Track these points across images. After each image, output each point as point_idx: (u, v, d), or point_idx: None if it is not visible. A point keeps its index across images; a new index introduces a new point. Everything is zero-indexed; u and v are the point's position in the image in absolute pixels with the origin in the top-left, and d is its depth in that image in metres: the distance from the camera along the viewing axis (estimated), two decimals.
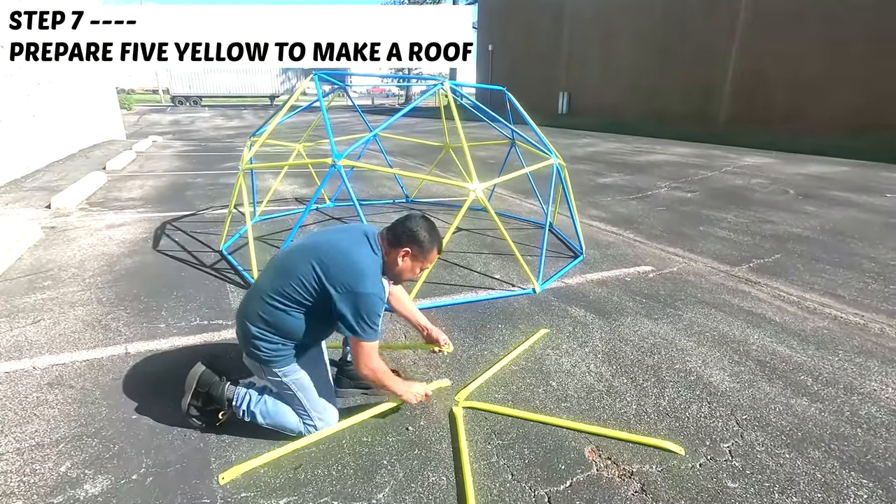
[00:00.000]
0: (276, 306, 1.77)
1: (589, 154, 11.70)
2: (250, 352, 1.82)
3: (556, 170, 4.07)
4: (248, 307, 1.84)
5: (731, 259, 4.38)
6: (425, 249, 1.89)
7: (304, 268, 1.76)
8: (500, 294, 3.48)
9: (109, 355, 2.52)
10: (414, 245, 1.87)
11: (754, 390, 2.41)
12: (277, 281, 1.79)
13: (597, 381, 2.45)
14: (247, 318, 1.82)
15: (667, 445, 1.98)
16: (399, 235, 1.87)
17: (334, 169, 3.22)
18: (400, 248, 1.86)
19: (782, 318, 3.21)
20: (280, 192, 6.72)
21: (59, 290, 3.32)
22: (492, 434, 2.04)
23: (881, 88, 12.29)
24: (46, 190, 6.38)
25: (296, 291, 1.76)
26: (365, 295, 1.72)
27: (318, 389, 1.91)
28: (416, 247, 1.88)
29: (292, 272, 1.78)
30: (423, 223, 1.91)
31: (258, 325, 1.79)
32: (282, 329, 1.79)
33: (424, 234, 1.88)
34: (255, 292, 1.85)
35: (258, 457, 1.83)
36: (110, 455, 1.84)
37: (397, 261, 1.88)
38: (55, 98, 9.39)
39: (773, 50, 14.65)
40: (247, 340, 1.82)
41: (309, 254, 1.80)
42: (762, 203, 6.60)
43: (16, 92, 7.69)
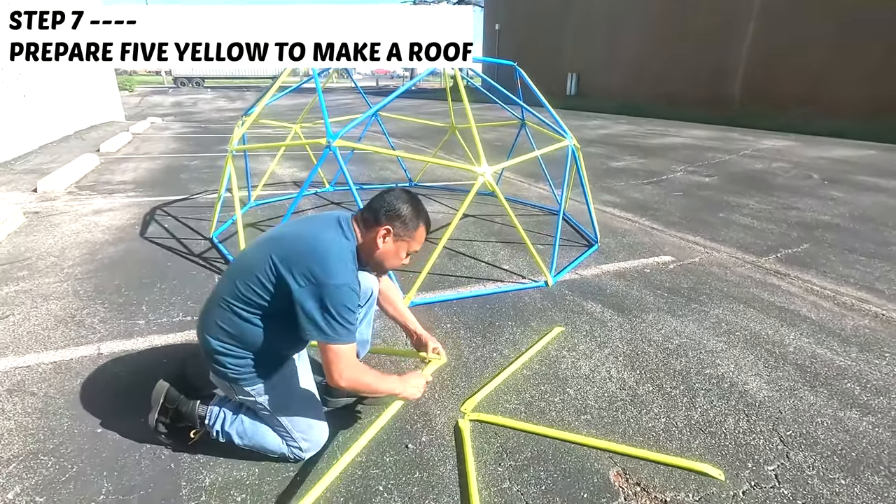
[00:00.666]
0: (237, 313, 1.50)
1: (600, 136, 11.31)
2: (215, 369, 1.56)
3: (570, 152, 3.76)
4: (207, 318, 1.57)
5: (757, 249, 4.08)
6: (409, 226, 1.59)
7: (262, 264, 1.46)
8: (509, 287, 3.21)
9: (80, 356, 2.29)
10: (395, 221, 1.56)
11: (796, 400, 2.14)
12: (234, 284, 1.51)
13: (619, 388, 2.19)
14: (206, 331, 1.55)
15: (704, 469, 1.73)
16: (376, 212, 1.56)
17: (329, 151, 2.93)
18: (378, 226, 1.56)
19: (818, 316, 2.93)
20: (278, 176, 6.44)
21: (35, 281, 3.08)
22: (503, 453, 1.79)
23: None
24: (36, 173, 6.13)
25: (254, 293, 1.47)
26: (332, 286, 1.40)
27: (299, 406, 1.65)
28: (399, 223, 1.57)
29: (250, 271, 1.49)
30: (404, 195, 1.61)
31: (220, 339, 1.52)
32: (246, 340, 1.52)
33: (407, 208, 1.58)
34: (213, 300, 1.58)
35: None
36: (66, 478, 1.60)
37: (377, 243, 1.57)
38: (48, 78, 9.08)
39: (789, 31, 14.04)
40: (210, 357, 1.55)
41: (267, 247, 1.50)
42: (785, 188, 6.26)
43: (4, 70, 7.39)
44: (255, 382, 1.56)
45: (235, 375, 1.53)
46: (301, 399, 1.66)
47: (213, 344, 1.52)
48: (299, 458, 1.67)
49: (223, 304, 1.51)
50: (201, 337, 1.57)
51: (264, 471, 1.66)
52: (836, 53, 12.96)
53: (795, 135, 11.29)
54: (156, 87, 37.51)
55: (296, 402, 1.64)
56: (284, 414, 1.61)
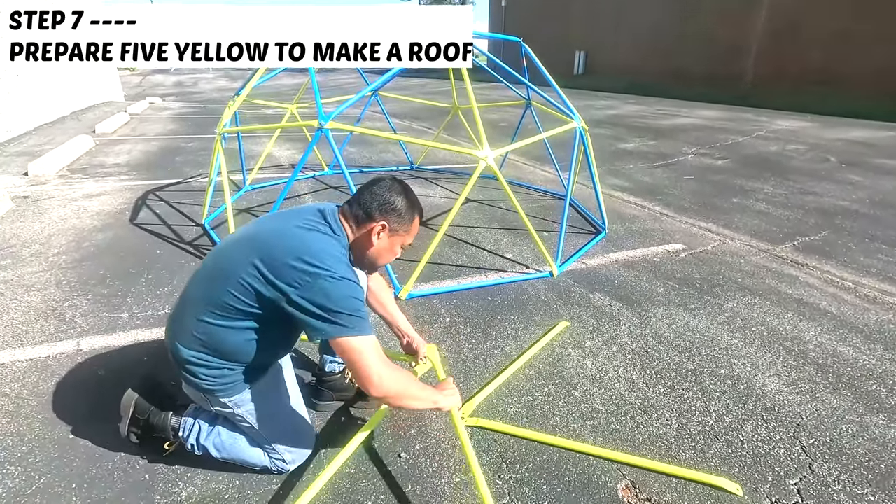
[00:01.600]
0: (213, 322, 1.34)
1: (608, 117, 11.00)
2: (188, 379, 1.42)
3: (578, 134, 3.56)
4: (178, 324, 1.42)
5: (773, 236, 3.90)
6: (405, 219, 1.47)
7: (242, 268, 1.30)
8: (512, 278, 3.06)
9: (57, 353, 2.17)
10: (391, 216, 1.44)
11: (818, 404, 2.00)
12: (210, 289, 1.36)
13: (628, 390, 2.06)
14: (177, 341, 1.40)
15: (719, 483, 1.59)
16: (368, 207, 1.43)
17: (321, 133, 2.76)
18: (372, 222, 1.43)
19: (839, 310, 2.77)
20: (276, 158, 6.26)
21: (18, 270, 2.96)
22: (503, 464, 1.66)
23: None
24: (28, 155, 5.99)
25: (236, 299, 1.30)
26: (332, 279, 1.26)
27: (283, 416, 1.52)
28: (394, 217, 1.44)
29: (228, 276, 1.32)
30: (398, 186, 1.48)
31: (192, 349, 1.37)
32: (223, 350, 1.37)
33: (402, 201, 1.45)
34: (185, 305, 1.42)
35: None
36: (33, 490, 1.49)
37: (371, 240, 1.44)
38: None
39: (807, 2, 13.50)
40: (181, 366, 1.41)
41: (246, 249, 1.34)
42: (801, 172, 6.02)
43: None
44: (233, 393, 1.42)
45: (210, 386, 1.39)
46: (285, 408, 1.53)
47: (185, 354, 1.37)
48: (283, 471, 1.55)
49: (198, 310, 1.36)
50: (171, 345, 1.42)
51: (245, 483, 1.54)
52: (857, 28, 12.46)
53: (811, 115, 10.94)
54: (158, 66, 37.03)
55: (279, 412, 1.51)
56: (267, 425, 1.48)
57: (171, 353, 1.43)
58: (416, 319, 2.53)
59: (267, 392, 1.48)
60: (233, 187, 4.67)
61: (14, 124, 7.45)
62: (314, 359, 2.12)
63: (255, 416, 1.46)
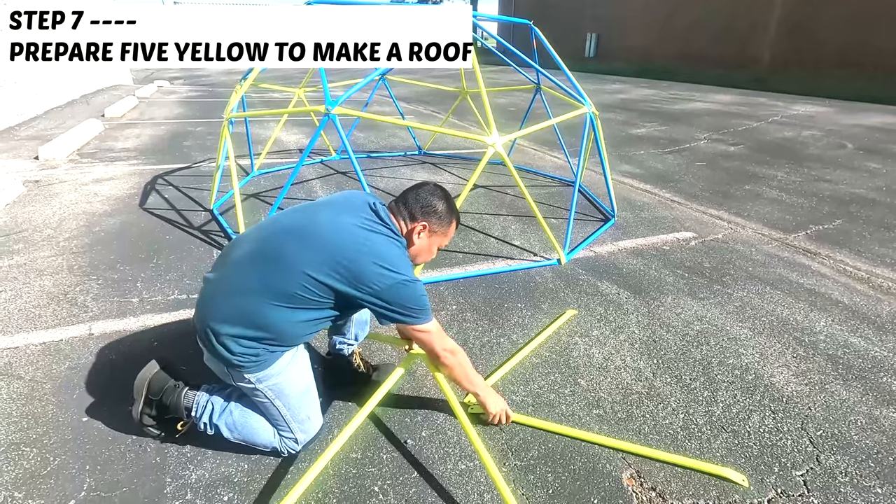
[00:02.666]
0: (271, 308, 1.39)
1: (619, 102, 10.82)
2: (218, 353, 1.43)
3: (589, 120, 3.50)
4: (219, 304, 1.44)
5: (785, 225, 3.84)
6: (444, 223, 1.62)
7: (312, 268, 1.37)
8: (519, 265, 3.05)
9: (70, 337, 2.20)
10: (432, 218, 1.59)
11: (827, 395, 1.99)
12: (270, 278, 1.39)
13: (634, 379, 2.05)
14: (215, 320, 1.42)
15: (725, 473, 1.59)
16: (412, 208, 1.58)
17: (328, 119, 2.74)
18: (415, 223, 1.57)
19: (852, 300, 2.73)
20: (283, 143, 6.24)
21: (30, 254, 2.99)
22: (508, 451, 1.68)
23: None
24: (39, 139, 6.02)
25: (305, 290, 1.38)
26: (407, 283, 1.42)
27: (300, 395, 1.54)
28: (435, 220, 1.59)
29: (292, 269, 1.38)
30: (439, 191, 1.64)
31: (236, 328, 1.40)
32: (274, 332, 1.42)
33: (443, 205, 1.61)
34: (230, 287, 1.45)
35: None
36: (48, 472, 1.53)
37: (413, 239, 1.59)
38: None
39: None
40: (212, 341, 1.42)
41: (311, 246, 1.41)
42: (817, 159, 5.90)
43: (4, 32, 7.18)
44: (259, 369, 1.45)
45: (240, 362, 1.42)
46: (302, 386, 1.56)
47: (224, 332, 1.40)
48: (292, 451, 1.58)
49: (253, 295, 1.40)
50: (204, 324, 1.44)
51: (254, 467, 1.57)
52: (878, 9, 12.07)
53: (829, 100, 10.69)
54: None
55: (297, 390, 1.54)
56: (284, 402, 1.51)
57: (204, 330, 1.44)
58: None
59: (288, 369, 1.51)
60: (240, 172, 4.68)
61: (24, 108, 7.48)
62: (319, 343, 2.14)
63: (273, 392, 1.49)
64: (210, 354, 1.48)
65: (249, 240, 1.53)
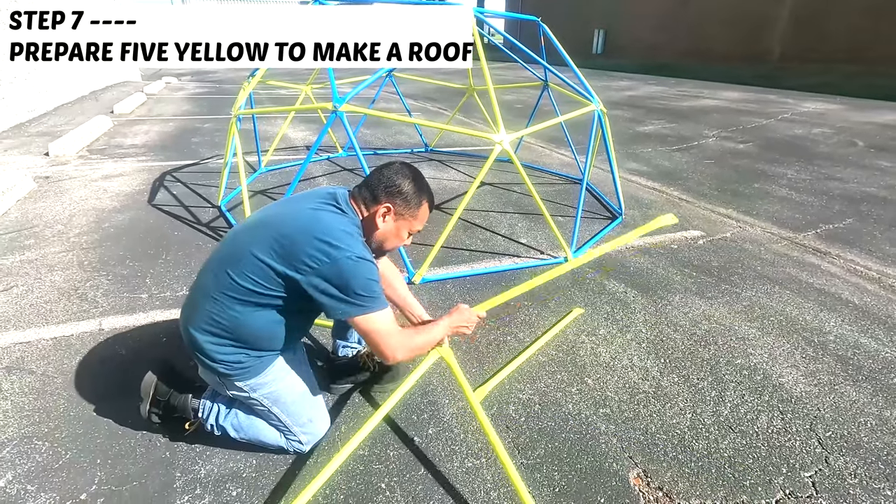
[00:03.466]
0: (230, 306, 1.36)
1: (627, 99, 10.75)
2: (205, 364, 1.44)
3: (597, 117, 3.48)
4: (193, 312, 1.43)
5: (795, 223, 3.80)
6: (411, 203, 1.47)
7: (258, 251, 1.33)
8: (526, 263, 3.04)
9: (80, 332, 2.23)
10: (396, 199, 1.45)
11: (836, 396, 1.97)
12: (226, 274, 1.36)
13: (641, 378, 2.05)
14: (192, 327, 1.42)
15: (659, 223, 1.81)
16: (374, 189, 1.45)
17: (336, 116, 2.74)
18: (377, 204, 1.45)
19: (862, 300, 2.70)
20: (291, 140, 6.26)
21: (41, 250, 3.03)
22: (514, 449, 1.68)
23: None
24: (49, 135, 6.07)
25: (253, 282, 1.33)
26: (347, 259, 1.28)
27: (297, 399, 1.54)
28: (400, 200, 1.45)
29: (242, 259, 1.34)
30: (406, 170, 1.49)
31: (211, 333, 1.39)
32: (242, 336, 1.39)
33: (408, 184, 1.46)
34: (200, 292, 1.44)
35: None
36: (60, 465, 1.55)
37: (376, 222, 1.46)
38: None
39: None
40: (197, 353, 1.43)
41: (260, 232, 1.37)
42: (827, 157, 5.84)
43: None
44: (249, 377, 1.44)
45: (226, 370, 1.41)
46: (299, 391, 1.55)
47: (201, 340, 1.40)
48: (300, 451, 1.59)
49: (215, 296, 1.38)
50: (186, 333, 1.44)
51: (262, 463, 1.58)
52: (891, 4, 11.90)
53: (840, 97, 10.56)
54: None
55: (293, 395, 1.53)
56: (282, 408, 1.50)
57: (187, 339, 1.45)
58: (429, 304, 2.54)
59: (281, 376, 1.50)
60: (248, 169, 4.70)
61: (35, 104, 7.55)
62: (326, 343, 2.14)
63: (269, 399, 1.49)
64: (200, 365, 1.49)
65: (222, 242, 1.53)
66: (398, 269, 1.92)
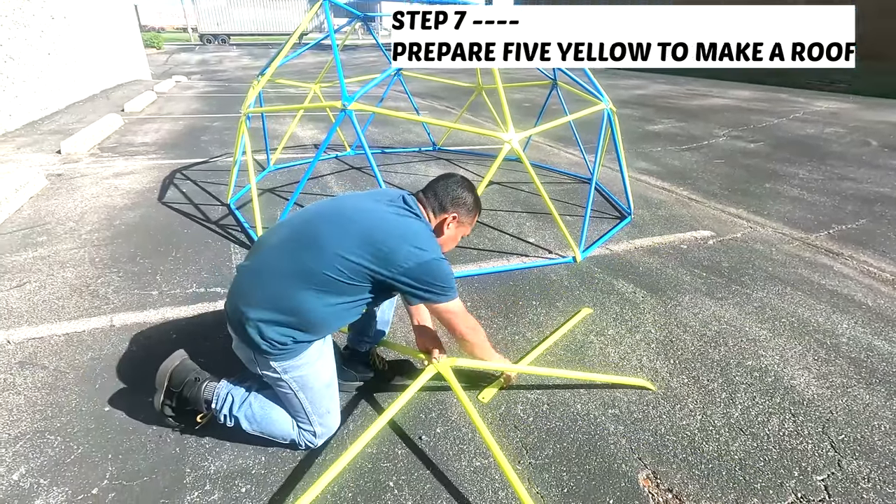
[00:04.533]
0: (303, 291, 1.42)
1: (635, 97, 10.68)
2: (248, 338, 1.45)
3: (606, 116, 3.46)
4: (253, 289, 1.47)
5: (807, 224, 3.76)
6: (471, 213, 1.70)
7: (346, 249, 1.41)
8: (534, 263, 3.03)
9: (92, 328, 2.25)
10: (461, 209, 1.66)
11: (849, 399, 1.95)
12: (304, 262, 1.43)
13: (651, 379, 2.03)
14: (247, 303, 1.45)
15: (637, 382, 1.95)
16: (442, 199, 1.64)
17: (345, 114, 2.74)
18: (445, 213, 1.64)
19: (875, 302, 2.67)
20: (299, 138, 6.28)
21: (53, 247, 3.06)
22: (523, 449, 1.67)
23: None
24: (61, 133, 6.14)
25: (344, 276, 1.41)
26: (432, 260, 1.47)
27: (322, 388, 1.56)
28: (464, 211, 1.67)
29: (324, 252, 1.42)
30: (466, 183, 1.70)
31: (269, 312, 1.43)
32: (304, 319, 1.44)
33: (471, 197, 1.68)
34: (268, 272, 1.47)
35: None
36: (72, 460, 1.57)
37: (443, 229, 1.65)
38: (73, 35, 9.01)
39: None
40: (247, 328, 1.44)
41: (345, 228, 1.46)
42: (839, 156, 5.76)
43: (28, 27, 7.32)
44: (287, 358, 1.47)
45: (269, 348, 1.44)
46: (325, 380, 1.58)
47: (256, 316, 1.42)
48: (310, 445, 1.59)
49: (292, 281, 1.43)
50: (237, 309, 1.46)
51: (271, 460, 1.59)
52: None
53: (853, 95, 10.41)
54: (183, 44, 37.37)
55: (320, 383, 1.56)
56: (307, 394, 1.53)
57: (237, 315, 1.46)
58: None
59: (314, 361, 1.53)
60: (256, 167, 4.72)
61: (47, 102, 7.63)
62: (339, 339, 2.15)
63: (298, 384, 1.51)
64: (240, 340, 1.51)
65: (284, 227, 1.58)
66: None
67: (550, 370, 2.02)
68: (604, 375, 1.99)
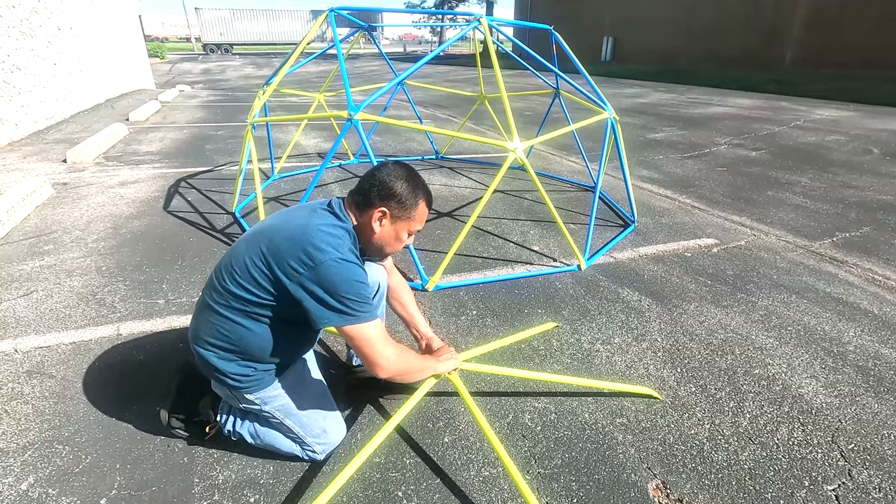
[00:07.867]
0: (231, 317, 1.36)
1: (637, 106, 10.73)
2: (215, 377, 1.44)
3: (610, 125, 3.48)
4: (199, 327, 1.43)
5: (810, 232, 3.76)
6: (407, 204, 1.41)
7: (249, 259, 1.32)
8: (539, 271, 3.03)
9: (98, 337, 2.25)
10: (390, 202, 1.39)
11: (858, 408, 1.94)
12: (227, 287, 1.35)
13: (658, 388, 2.03)
14: (197, 343, 1.42)
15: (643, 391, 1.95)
16: (367, 193, 1.40)
17: (350, 124, 2.77)
18: (372, 209, 1.40)
19: (881, 310, 2.66)
20: (302, 147, 6.32)
21: (60, 255, 3.07)
22: (531, 459, 1.67)
23: None
24: (67, 142, 6.18)
25: (244, 289, 1.32)
26: (329, 262, 1.25)
27: (310, 410, 1.54)
28: (395, 203, 1.40)
29: (241, 270, 1.33)
30: (399, 170, 1.43)
31: (216, 348, 1.40)
32: (247, 348, 1.39)
33: (402, 185, 1.39)
34: (205, 306, 1.43)
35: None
36: (80, 469, 1.56)
37: (372, 227, 1.41)
38: (78, 45, 9.10)
39: None
40: (208, 368, 1.43)
41: (255, 240, 1.36)
42: (842, 164, 5.78)
43: (34, 38, 7.40)
44: (259, 389, 1.45)
45: (236, 383, 1.42)
46: (310, 402, 1.55)
47: (208, 356, 1.40)
48: (315, 460, 1.59)
49: (218, 309, 1.38)
50: (195, 348, 1.44)
51: (279, 469, 1.59)
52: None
53: (854, 104, 10.45)
54: (186, 53, 37.68)
55: (306, 406, 1.54)
56: (294, 420, 1.51)
57: (197, 355, 1.45)
58: (442, 311, 2.54)
59: (292, 388, 1.51)
60: (261, 176, 4.74)
61: (52, 112, 7.69)
62: (339, 350, 2.15)
63: (281, 412, 1.49)
64: (211, 379, 1.49)
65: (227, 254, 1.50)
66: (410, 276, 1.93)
67: (557, 377, 2.02)
68: (611, 384, 1.99)
